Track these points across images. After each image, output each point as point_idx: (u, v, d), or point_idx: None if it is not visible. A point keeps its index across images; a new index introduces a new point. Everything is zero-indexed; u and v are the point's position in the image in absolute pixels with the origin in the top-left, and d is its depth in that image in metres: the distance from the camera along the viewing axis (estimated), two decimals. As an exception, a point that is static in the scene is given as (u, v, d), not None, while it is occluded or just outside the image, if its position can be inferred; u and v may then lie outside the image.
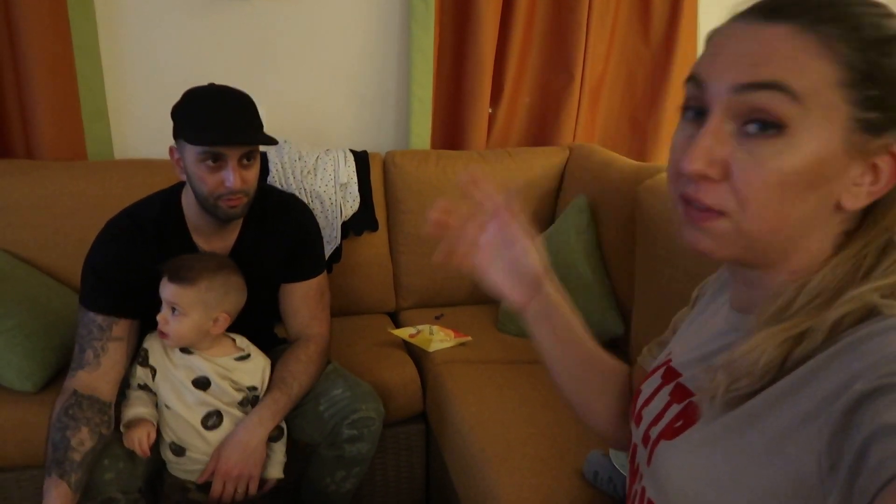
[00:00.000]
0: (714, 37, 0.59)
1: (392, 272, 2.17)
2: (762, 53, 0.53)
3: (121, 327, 1.39)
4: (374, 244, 2.13)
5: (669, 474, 0.64)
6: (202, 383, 1.38)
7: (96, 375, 1.35)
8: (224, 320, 1.39)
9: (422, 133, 2.26)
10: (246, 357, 1.44)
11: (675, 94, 2.34)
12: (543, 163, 2.21)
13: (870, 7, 0.54)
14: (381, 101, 2.29)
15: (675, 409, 0.68)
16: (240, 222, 1.49)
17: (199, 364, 1.38)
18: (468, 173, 0.82)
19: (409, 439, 1.81)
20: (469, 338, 1.90)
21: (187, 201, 1.44)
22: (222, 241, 1.49)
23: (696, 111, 0.58)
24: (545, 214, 2.20)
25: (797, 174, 0.53)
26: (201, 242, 1.47)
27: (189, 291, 1.33)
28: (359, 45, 2.23)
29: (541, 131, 2.39)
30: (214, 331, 1.38)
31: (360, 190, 2.09)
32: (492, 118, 2.32)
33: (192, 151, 1.33)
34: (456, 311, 2.13)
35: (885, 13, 0.54)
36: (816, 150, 0.53)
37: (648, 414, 0.73)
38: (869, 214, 0.58)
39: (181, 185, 1.47)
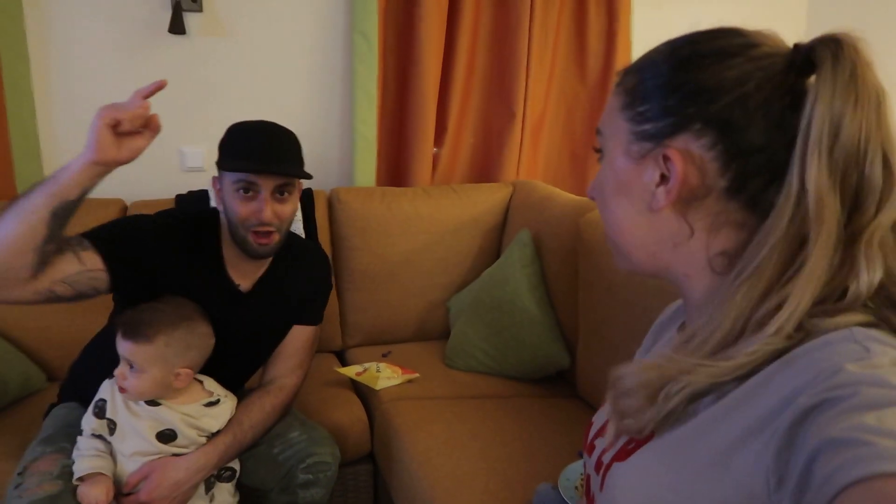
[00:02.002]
0: None
1: (338, 309, 2.14)
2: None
3: (91, 257, 1.22)
4: (319, 282, 2.10)
5: (622, 493, 0.64)
6: (167, 436, 1.29)
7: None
8: (187, 375, 1.31)
9: (366, 170, 2.27)
10: (215, 403, 1.36)
11: (613, 132, 2.42)
12: (487, 198, 2.24)
13: (651, 54, 0.66)
14: (326, 138, 2.29)
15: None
16: (268, 261, 1.46)
17: (166, 415, 1.30)
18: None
19: (356, 481, 1.77)
20: (417, 374, 1.88)
21: (223, 229, 1.41)
22: (249, 275, 1.45)
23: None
24: (490, 249, 2.23)
25: (608, 183, 0.67)
26: (231, 272, 1.43)
27: (147, 348, 1.25)
28: (302, 83, 2.23)
29: (484, 168, 2.43)
30: (178, 384, 1.30)
31: (305, 227, 2.07)
32: (436, 156, 2.35)
33: (228, 180, 1.33)
34: (403, 347, 2.11)
35: (698, 40, 0.63)
36: (611, 163, 0.67)
37: (601, 443, 0.73)
38: (748, 244, 0.59)
39: (211, 211, 1.45)
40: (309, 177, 1.35)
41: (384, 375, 1.84)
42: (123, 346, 1.26)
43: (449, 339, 2.02)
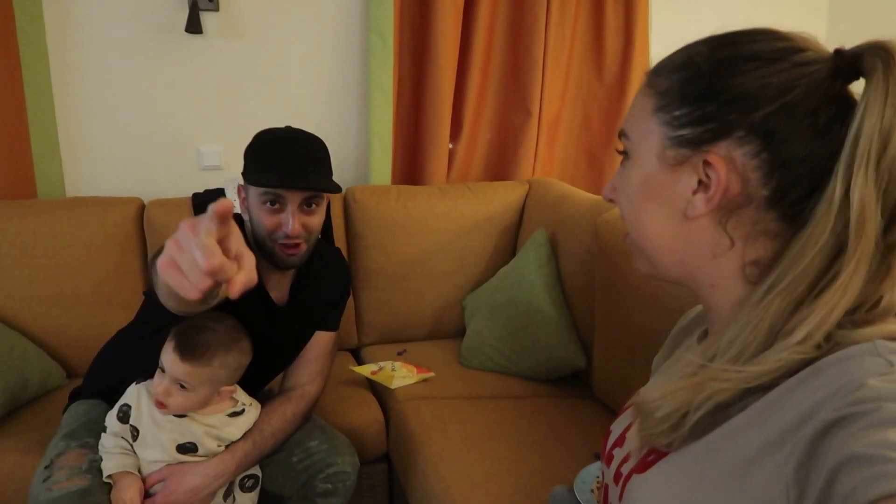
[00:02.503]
0: None
1: (354, 308, 2.14)
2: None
3: None
4: (334, 280, 2.10)
5: None
6: (187, 448, 1.30)
7: None
8: (228, 392, 1.32)
9: (382, 169, 2.26)
10: (240, 413, 1.35)
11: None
12: (503, 197, 2.23)
13: (695, 46, 0.63)
14: (342, 137, 2.29)
15: None
16: (294, 270, 1.45)
17: (190, 428, 1.29)
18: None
19: (372, 481, 1.77)
20: (432, 373, 1.88)
21: (248, 239, 1.38)
22: (279, 286, 1.44)
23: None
24: (506, 249, 2.22)
25: (636, 186, 0.65)
26: (265, 282, 1.41)
27: (203, 371, 1.24)
28: (318, 82, 2.24)
29: (500, 166, 2.42)
30: (216, 401, 1.31)
31: (320, 226, 2.07)
32: (452, 153, 2.34)
33: (254, 192, 1.31)
34: (418, 346, 2.11)
35: (730, 42, 0.61)
36: (641, 167, 0.64)
37: (619, 453, 0.73)
38: (782, 256, 0.58)
39: (238, 219, 1.41)
40: (339, 189, 1.33)
41: (399, 374, 1.84)
42: (178, 368, 1.23)
43: (464, 338, 2.02)
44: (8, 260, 1.82)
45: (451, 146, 2.33)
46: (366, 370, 1.88)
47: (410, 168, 2.35)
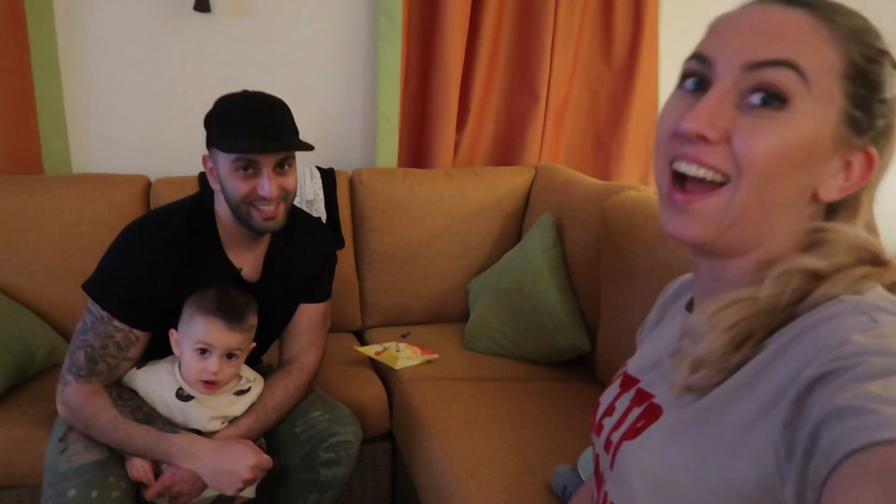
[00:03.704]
0: (723, 19, 0.61)
1: (358, 290, 2.15)
2: (777, 32, 0.56)
3: (138, 348, 1.32)
4: (339, 262, 2.07)
5: (634, 472, 0.64)
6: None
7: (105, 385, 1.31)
8: (252, 346, 1.35)
9: (388, 151, 2.26)
10: (246, 391, 1.36)
11: (638, 116, 2.39)
12: (509, 182, 2.23)
13: (868, 22, 0.58)
14: (348, 119, 2.29)
15: (636, 411, 0.69)
16: (268, 238, 1.44)
17: (196, 413, 1.29)
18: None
19: (374, 459, 1.78)
20: (436, 355, 1.88)
21: (220, 213, 1.37)
22: (253, 256, 1.42)
23: (697, 80, 0.60)
24: (511, 233, 2.22)
25: (794, 148, 0.55)
26: (233, 257, 1.39)
27: (248, 334, 1.30)
28: (325, 63, 2.23)
29: (507, 151, 2.41)
30: (243, 358, 1.34)
31: (326, 207, 2.07)
32: (458, 138, 2.33)
33: (225, 159, 1.28)
34: (422, 329, 2.11)
35: (877, 32, 0.58)
36: (812, 130, 0.55)
37: (609, 422, 0.73)
38: (832, 218, 0.60)
39: (206, 193, 1.39)
40: (311, 147, 1.31)
41: (403, 355, 1.84)
42: (231, 338, 1.26)
43: (468, 321, 2.02)
44: (14, 235, 1.82)
45: (456, 138, 2.32)
46: (370, 350, 1.89)
47: (417, 151, 2.34)
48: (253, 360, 1.51)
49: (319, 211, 2.05)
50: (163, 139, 2.15)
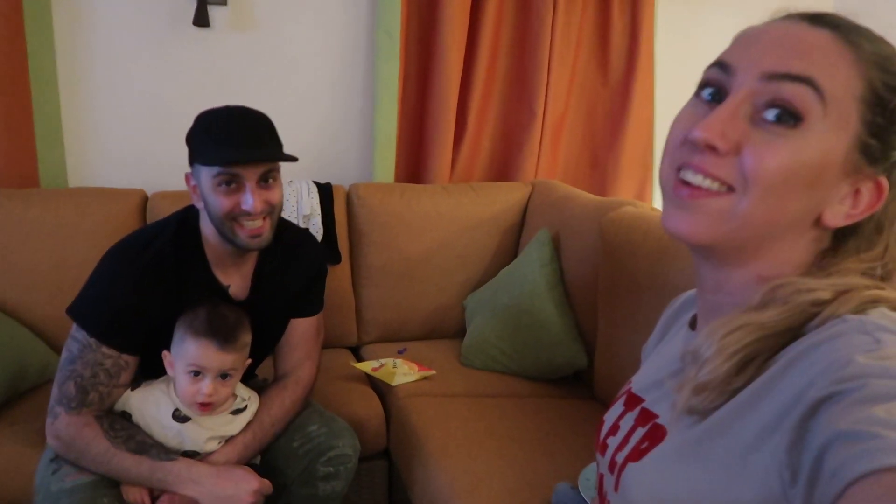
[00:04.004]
0: (748, 32, 0.60)
1: (354, 305, 2.14)
2: (801, 49, 0.55)
3: (128, 373, 1.29)
4: (336, 277, 2.10)
5: (639, 495, 0.64)
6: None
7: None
8: (248, 363, 1.33)
9: (386, 166, 2.26)
10: (242, 409, 1.34)
11: (634, 132, 2.40)
12: (506, 197, 2.23)
13: (894, 49, 0.57)
14: (346, 134, 2.29)
15: (641, 431, 0.68)
16: (256, 254, 1.40)
17: (193, 434, 1.28)
18: None
19: (371, 476, 1.77)
20: (433, 371, 1.87)
21: (205, 231, 1.34)
22: (239, 273, 1.39)
23: (714, 91, 0.59)
24: (508, 248, 2.22)
25: (804, 167, 0.54)
26: (220, 275, 1.36)
27: (242, 353, 1.27)
28: (323, 78, 2.24)
29: (504, 167, 2.42)
30: (238, 377, 1.32)
31: (323, 222, 2.07)
32: (455, 153, 2.34)
33: (207, 175, 1.25)
34: (419, 345, 2.10)
35: None
36: (824, 152, 0.55)
37: (613, 442, 0.72)
38: (842, 246, 0.60)
39: (191, 211, 1.36)
40: (294, 158, 1.28)
41: (400, 372, 1.83)
42: (223, 359, 1.24)
43: (465, 337, 2.02)
44: (10, 248, 1.81)
45: (453, 153, 2.32)
46: (367, 367, 1.88)
47: (414, 166, 2.35)
48: (247, 376, 1.50)
49: (316, 226, 2.05)
50: (160, 153, 2.14)
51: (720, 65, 0.59)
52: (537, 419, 1.62)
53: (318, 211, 2.06)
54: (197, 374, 1.24)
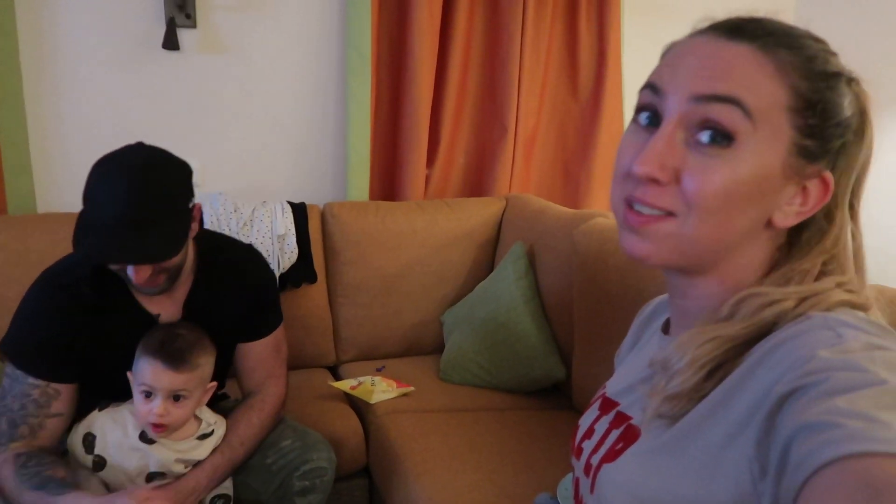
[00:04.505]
0: (673, 49, 0.62)
1: (332, 324, 2.13)
2: (722, 68, 0.56)
3: (61, 401, 1.26)
4: (312, 296, 2.09)
5: (614, 495, 0.64)
6: (155, 477, 1.27)
7: (32, 446, 1.23)
8: (212, 387, 1.31)
9: (360, 184, 2.27)
10: (209, 434, 1.32)
11: (605, 145, 2.44)
12: (481, 212, 2.25)
13: (819, 43, 0.59)
14: (319, 153, 2.30)
15: (615, 434, 0.69)
16: (190, 278, 1.36)
17: (159, 456, 1.26)
18: None
19: (351, 494, 1.75)
20: (412, 388, 1.87)
21: None
22: (171, 299, 1.34)
23: (650, 115, 0.61)
24: (484, 263, 2.23)
25: (741, 185, 0.56)
26: (146, 303, 1.32)
27: (195, 374, 1.24)
28: (296, 98, 2.24)
29: (477, 182, 2.44)
30: (203, 401, 1.30)
31: (298, 241, 2.06)
32: (428, 176, 2.35)
33: None
34: (398, 362, 2.10)
35: (831, 51, 0.59)
36: (759, 166, 0.56)
37: (589, 445, 0.73)
38: (797, 240, 0.62)
39: None
40: (174, 253, 1.18)
41: (379, 389, 1.83)
42: (174, 380, 1.22)
43: (444, 352, 2.01)
44: (-23, 276, 1.78)
45: (427, 172, 2.34)
46: (345, 385, 1.86)
47: (388, 184, 2.35)
48: (217, 398, 1.48)
49: (291, 246, 2.04)
50: (131, 177, 2.12)
51: (651, 87, 0.61)
52: (517, 431, 1.62)
53: (293, 230, 2.06)
54: (149, 394, 1.23)
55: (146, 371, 1.22)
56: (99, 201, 1.17)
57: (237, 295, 1.41)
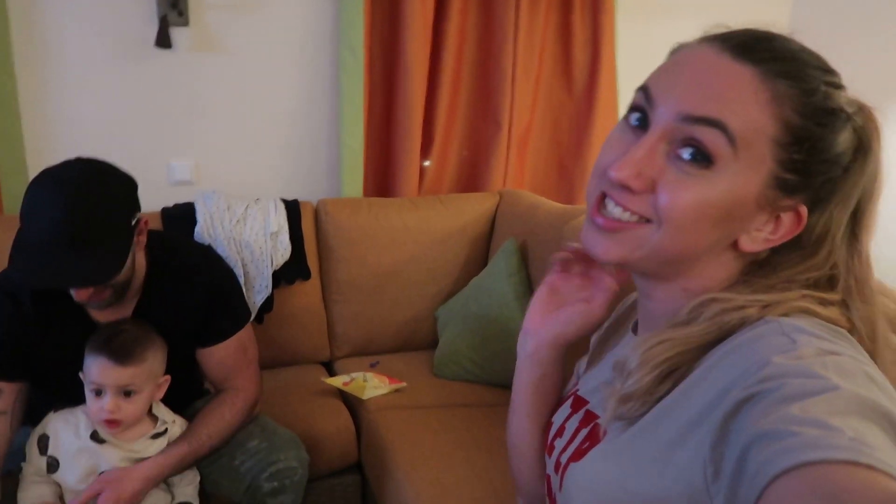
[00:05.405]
0: (679, 52, 0.62)
1: (325, 321, 2.14)
2: (717, 89, 0.56)
3: (5, 398, 1.25)
4: (306, 293, 2.10)
5: (578, 493, 0.65)
6: None
7: None
8: (165, 381, 1.31)
9: (354, 181, 2.27)
10: (162, 433, 1.32)
11: (599, 140, 2.43)
12: (475, 208, 2.25)
13: (828, 74, 0.58)
14: (313, 151, 2.30)
15: (584, 433, 0.71)
16: (140, 287, 1.33)
17: (108, 455, 1.26)
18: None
19: (344, 491, 1.76)
20: (404, 384, 1.88)
21: None
22: (120, 309, 1.32)
23: (640, 117, 0.61)
24: (478, 259, 2.23)
25: (712, 207, 0.57)
26: (94, 312, 1.30)
27: (142, 368, 1.24)
28: (289, 96, 2.25)
29: (471, 178, 2.44)
30: (157, 396, 1.30)
31: (291, 238, 2.07)
32: (423, 167, 2.36)
33: None
34: (392, 357, 2.11)
35: (838, 84, 0.58)
36: (734, 192, 0.56)
37: (560, 443, 0.74)
38: (768, 261, 0.62)
39: None
40: (110, 276, 1.15)
41: (371, 385, 1.84)
42: (121, 374, 1.21)
43: (437, 348, 2.02)
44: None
45: (426, 163, 2.34)
46: (337, 381, 1.87)
47: (382, 181, 2.36)
48: (197, 394, 1.49)
49: (284, 243, 2.05)
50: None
51: (646, 91, 0.61)
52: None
53: (286, 228, 2.06)
54: (99, 392, 1.23)
55: (93, 368, 1.22)
56: (33, 219, 1.12)
57: (191, 300, 1.37)
